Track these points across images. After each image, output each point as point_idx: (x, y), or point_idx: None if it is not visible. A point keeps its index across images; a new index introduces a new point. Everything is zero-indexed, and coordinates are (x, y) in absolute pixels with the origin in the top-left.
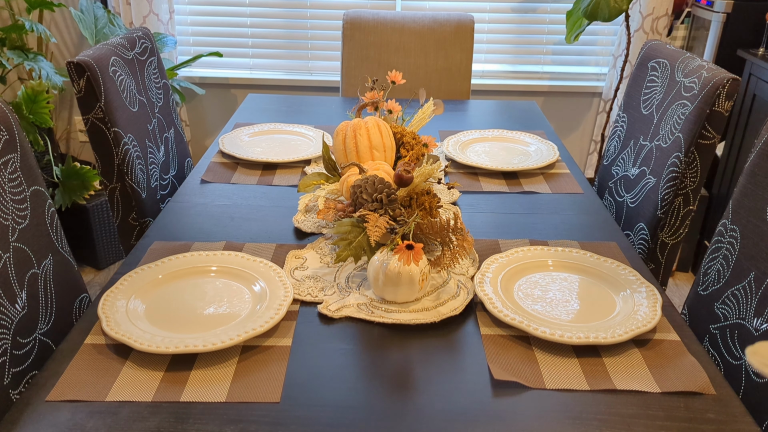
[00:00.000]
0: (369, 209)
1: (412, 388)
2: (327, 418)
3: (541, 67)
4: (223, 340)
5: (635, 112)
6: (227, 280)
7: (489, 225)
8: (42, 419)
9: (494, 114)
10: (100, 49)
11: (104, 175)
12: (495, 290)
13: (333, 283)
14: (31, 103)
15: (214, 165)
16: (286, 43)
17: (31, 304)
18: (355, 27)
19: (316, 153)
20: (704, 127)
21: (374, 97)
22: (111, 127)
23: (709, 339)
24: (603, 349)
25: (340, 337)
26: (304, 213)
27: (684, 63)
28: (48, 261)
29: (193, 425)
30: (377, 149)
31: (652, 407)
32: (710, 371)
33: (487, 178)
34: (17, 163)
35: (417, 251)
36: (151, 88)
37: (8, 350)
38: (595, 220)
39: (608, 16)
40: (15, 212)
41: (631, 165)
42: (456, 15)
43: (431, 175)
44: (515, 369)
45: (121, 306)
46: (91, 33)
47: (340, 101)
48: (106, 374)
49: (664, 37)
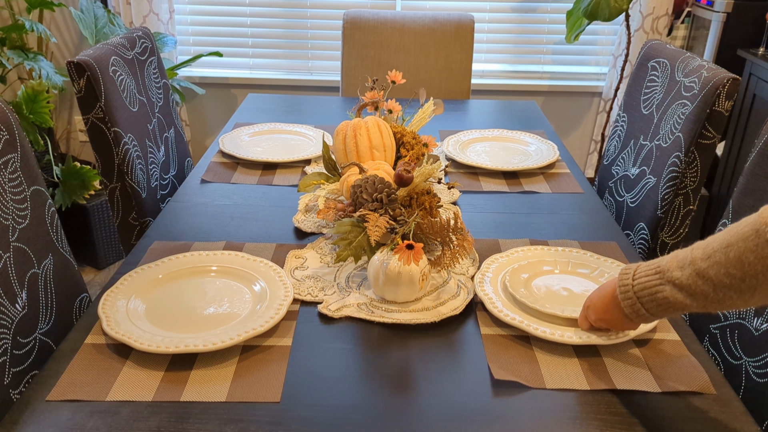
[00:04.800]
0: (369, 209)
1: (412, 388)
2: (327, 418)
3: (541, 67)
4: (223, 339)
5: (635, 111)
6: (227, 280)
7: (489, 225)
8: (42, 419)
9: (494, 114)
10: (100, 49)
11: (104, 175)
12: (495, 290)
13: (333, 282)
14: (31, 102)
15: (214, 165)
16: (286, 43)
17: (32, 304)
18: (355, 27)
19: (316, 153)
20: (704, 126)
21: (374, 96)
22: (111, 126)
23: (709, 339)
24: (603, 349)
25: (340, 337)
26: (304, 213)
27: (684, 63)
28: (48, 261)
29: (193, 425)
30: (377, 149)
31: (652, 407)
32: (710, 371)
33: (487, 178)
34: (17, 162)
35: (417, 251)
36: (151, 87)
37: (8, 350)
38: (595, 220)
39: (608, 16)
40: (15, 212)
41: (631, 165)
42: (456, 15)
43: (431, 174)
44: (515, 369)
45: (122, 306)
46: (91, 33)
47: (340, 101)
48: (106, 374)
49: (664, 36)
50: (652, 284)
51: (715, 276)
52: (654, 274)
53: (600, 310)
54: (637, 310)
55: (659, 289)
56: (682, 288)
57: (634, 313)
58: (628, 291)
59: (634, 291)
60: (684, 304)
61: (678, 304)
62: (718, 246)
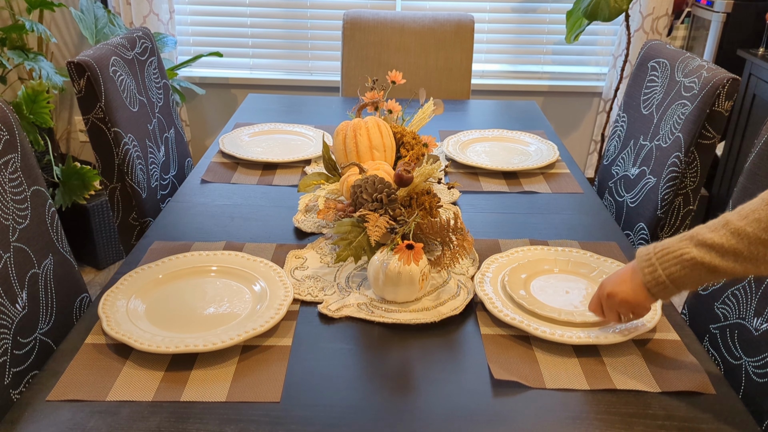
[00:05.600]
0: (369, 209)
1: (412, 388)
2: (327, 418)
3: (541, 67)
4: (223, 339)
5: (635, 112)
6: (227, 280)
7: (489, 225)
8: (42, 419)
9: (494, 114)
10: (101, 49)
11: (104, 175)
12: (495, 290)
13: (333, 282)
14: (32, 103)
15: (214, 165)
16: (286, 43)
17: (32, 304)
18: (355, 27)
19: (316, 153)
20: (704, 126)
21: (374, 97)
22: (111, 127)
23: (709, 339)
24: (603, 349)
25: (340, 337)
26: (304, 213)
27: (684, 63)
28: (48, 261)
29: (193, 425)
30: (377, 149)
31: (652, 407)
32: (710, 371)
33: (487, 178)
34: (18, 163)
35: (417, 251)
36: (151, 88)
37: (9, 350)
38: (595, 220)
39: (608, 16)
40: (15, 212)
41: (631, 165)
42: (456, 15)
43: (431, 175)
44: (515, 369)
45: (122, 306)
46: (91, 33)
47: (340, 101)
48: (106, 374)
49: (664, 37)
50: (676, 248)
51: (753, 232)
52: (679, 241)
53: (616, 283)
54: (657, 277)
55: (685, 251)
56: (713, 247)
57: (653, 281)
58: (650, 257)
59: (656, 257)
60: (710, 266)
61: (704, 265)
62: (757, 205)
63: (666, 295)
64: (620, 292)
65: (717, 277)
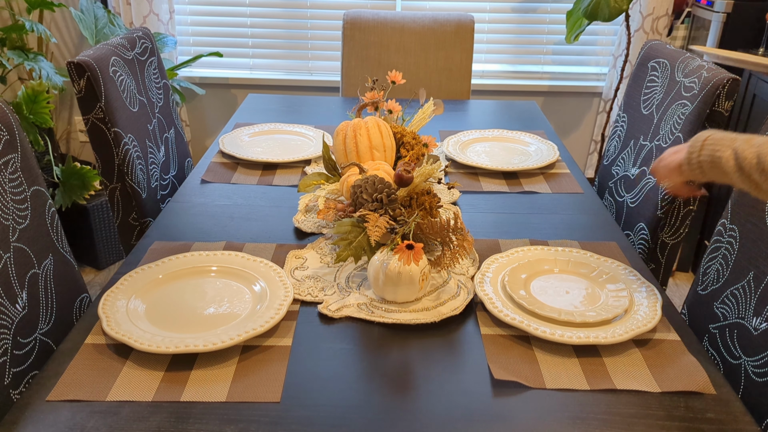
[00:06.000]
0: (369, 209)
1: (412, 388)
2: (327, 418)
3: (541, 67)
4: (223, 340)
5: (635, 112)
6: (227, 280)
7: (489, 225)
8: (42, 419)
9: (494, 114)
10: (100, 49)
11: (104, 175)
12: (495, 290)
13: (333, 283)
14: (32, 103)
15: (214, 165)
16: (286, 43)
17: (32, 304)
18: (355, 27)
19: (316, 153)
20: (704, 127)
21: (374, 97)
22: (111, 127)
23: (708, 339)
24: (603, 349)
25: (340, 337)
26: (304, 213)
27: (684, 63)
28: (48, 261)
29: (193, 425)
30: (377, 149)
31: (652, 407)
32: (710, 371)
33: (487, 178)
34: (18, 163)
35: (417, 251)
36: (151, 88)
37: (9, 350)
38: (595, 220)
39: (608, 16)
40: (15, 212)
41: (631, 165)
42: (456, 15)
43: (431, 175)
44: (515, 369)
45: (122, 306)
46: (91, 33)
47: (340, 101)
48: (106, 374)
49: (664, 37)
50: (719, 145)
51: None
52: (730, 140)
53: (673, 150)
54: (693, 159)
55: (723, 148)
56: (737, 157)
57: (689, 161)
58: (701, 141)
59: (705, 142)
60: (728, 169)
61: (723, 167)
62: None
63: (694, 174)
64: (668, 156)
65: (732, 183)
